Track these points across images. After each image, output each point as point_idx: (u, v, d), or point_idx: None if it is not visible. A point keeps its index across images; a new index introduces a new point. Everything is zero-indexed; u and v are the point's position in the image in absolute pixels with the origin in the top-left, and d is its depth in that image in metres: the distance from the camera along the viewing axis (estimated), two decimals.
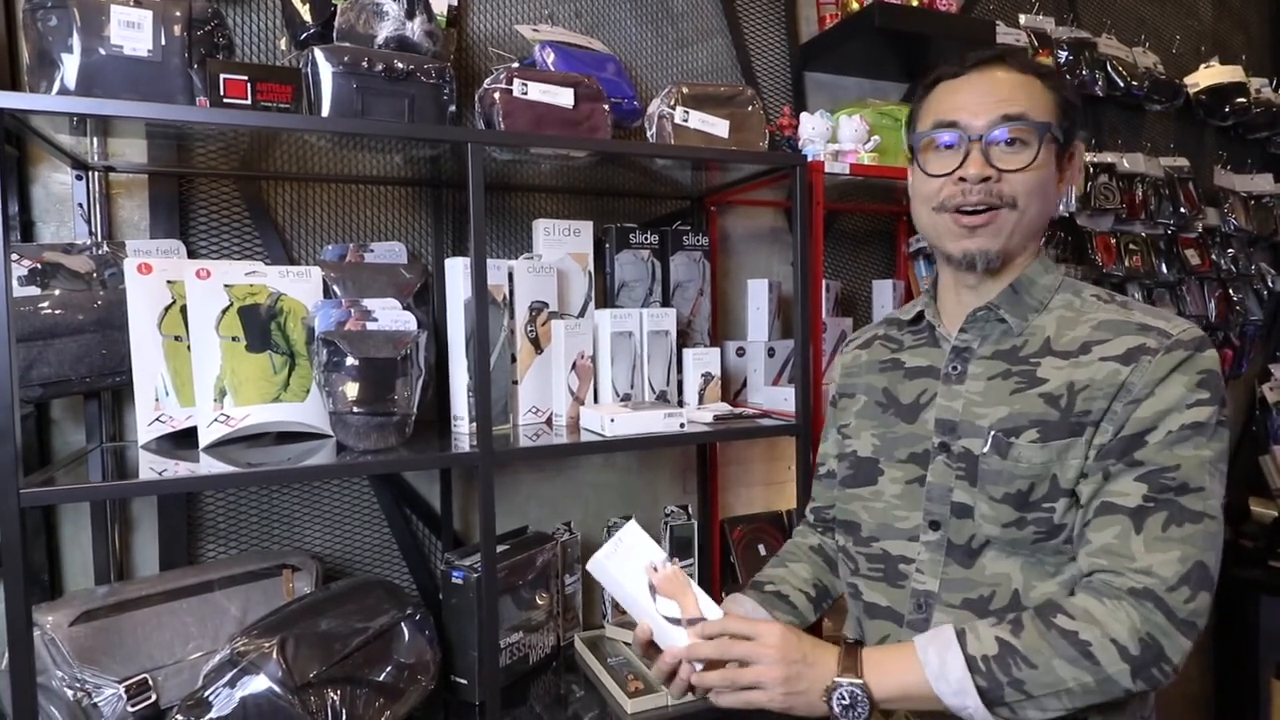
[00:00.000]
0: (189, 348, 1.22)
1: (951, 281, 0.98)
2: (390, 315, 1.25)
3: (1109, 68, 2.34)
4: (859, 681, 0.81)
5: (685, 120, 1.46)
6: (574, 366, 1.45)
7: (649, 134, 1.52)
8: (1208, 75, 2.56)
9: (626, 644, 1.57)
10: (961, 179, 0.88)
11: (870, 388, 1.04)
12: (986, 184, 0.88)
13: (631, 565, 0.93)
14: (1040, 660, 0.78)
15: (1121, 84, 2.34)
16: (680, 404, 1.58)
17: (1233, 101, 2.54)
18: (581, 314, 1.54)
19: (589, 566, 0.95)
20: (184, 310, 1.23)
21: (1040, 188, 0.89)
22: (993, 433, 0.88)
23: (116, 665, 1.15)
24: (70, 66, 1.06)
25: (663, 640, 0.90)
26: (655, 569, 0.92)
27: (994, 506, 0.86)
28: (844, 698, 0.81)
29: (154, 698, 1.15)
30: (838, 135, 1.68)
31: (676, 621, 0.89)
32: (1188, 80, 2.56)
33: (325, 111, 1.18)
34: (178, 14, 1.12)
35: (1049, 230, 2.26)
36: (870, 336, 1.11)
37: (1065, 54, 2.27)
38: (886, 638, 0.95)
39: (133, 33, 1.08)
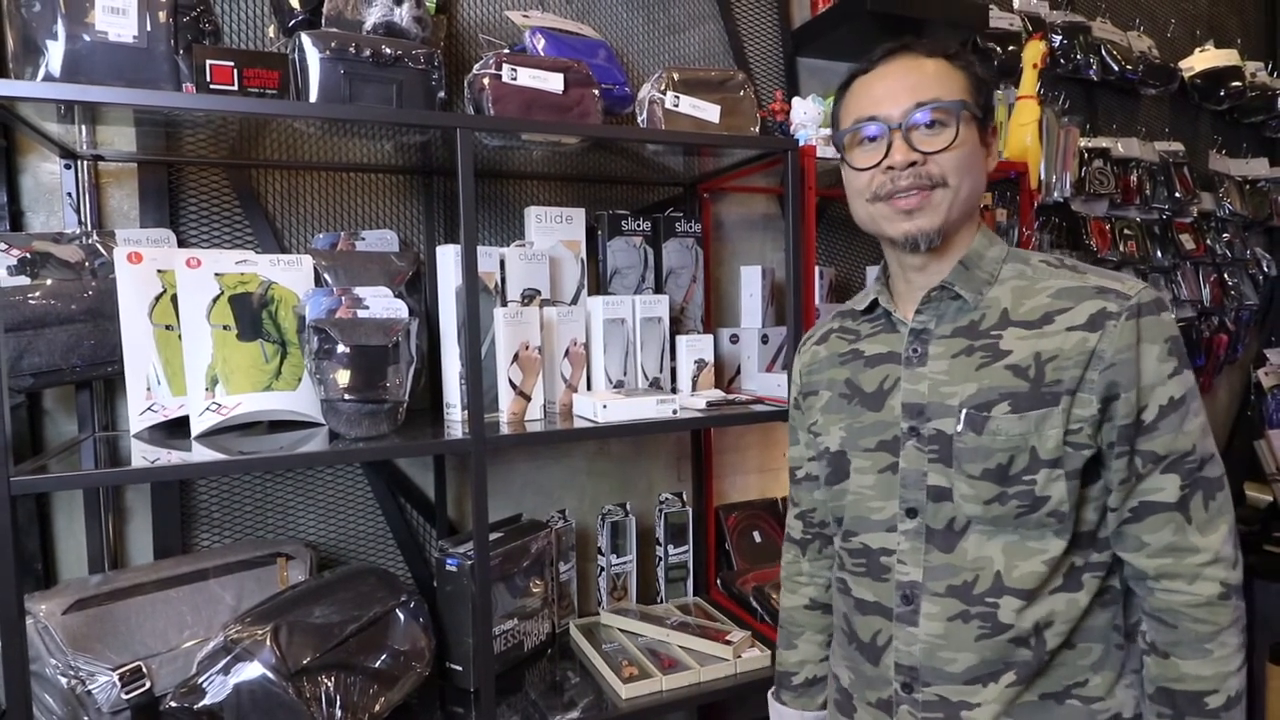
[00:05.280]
0: (180, 337, 1.22)
1: (899, 267, 0.99)
2: (382, 303, 1.25)
3: (1103, 52, 2.33)
4: None
5: (676, 105, 1.46)
6: (567, 354, 1.45)
7: (640, 119, 1.51)
8: (1203, 59, 2.55)
9: (622, 630, 1.57)
10: (890, 167, 0.91)
11: (833, 382, 1.03)
12: (914, 168, 0.90)
13: None
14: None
15: (1116, 68, 2.33)
16: (674, 391, 1.58)
17: (1228, 85, 2.53)
18: (574, 301, 1.54)
19: None
20: (175, 299, 1.22)
21: (967, 164, 0.91)
22: (965, 410, 0.88)
23: (110, 653, 1.15)
24: (55, 53, 1.05)
25: None
26: None
27: (973, 485, 0.87)
28: None
29: (148, 685, 1.16)
30: (830, 120, 1.67)
31: None
32: (1183, 64, 2.55)
33: (313, 97, 1.17)
34: (162, 0, 1.11)
35: (1042, 216, 2.25)
36: (825, 331, 1.09)
37: (1059, 38, 2.25)
38: (878, 633, 0.94)
39: (117, 19, 1.07)
